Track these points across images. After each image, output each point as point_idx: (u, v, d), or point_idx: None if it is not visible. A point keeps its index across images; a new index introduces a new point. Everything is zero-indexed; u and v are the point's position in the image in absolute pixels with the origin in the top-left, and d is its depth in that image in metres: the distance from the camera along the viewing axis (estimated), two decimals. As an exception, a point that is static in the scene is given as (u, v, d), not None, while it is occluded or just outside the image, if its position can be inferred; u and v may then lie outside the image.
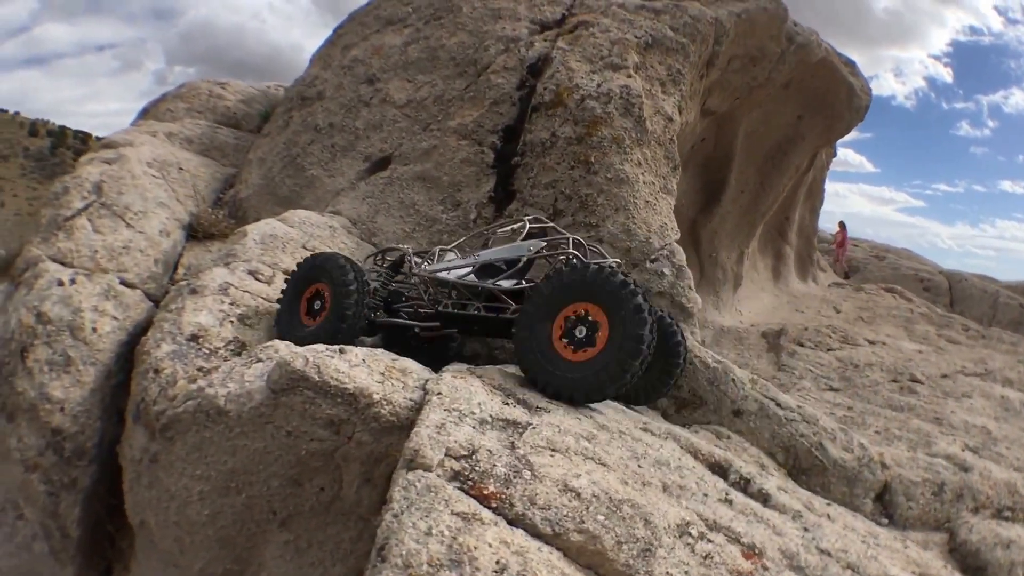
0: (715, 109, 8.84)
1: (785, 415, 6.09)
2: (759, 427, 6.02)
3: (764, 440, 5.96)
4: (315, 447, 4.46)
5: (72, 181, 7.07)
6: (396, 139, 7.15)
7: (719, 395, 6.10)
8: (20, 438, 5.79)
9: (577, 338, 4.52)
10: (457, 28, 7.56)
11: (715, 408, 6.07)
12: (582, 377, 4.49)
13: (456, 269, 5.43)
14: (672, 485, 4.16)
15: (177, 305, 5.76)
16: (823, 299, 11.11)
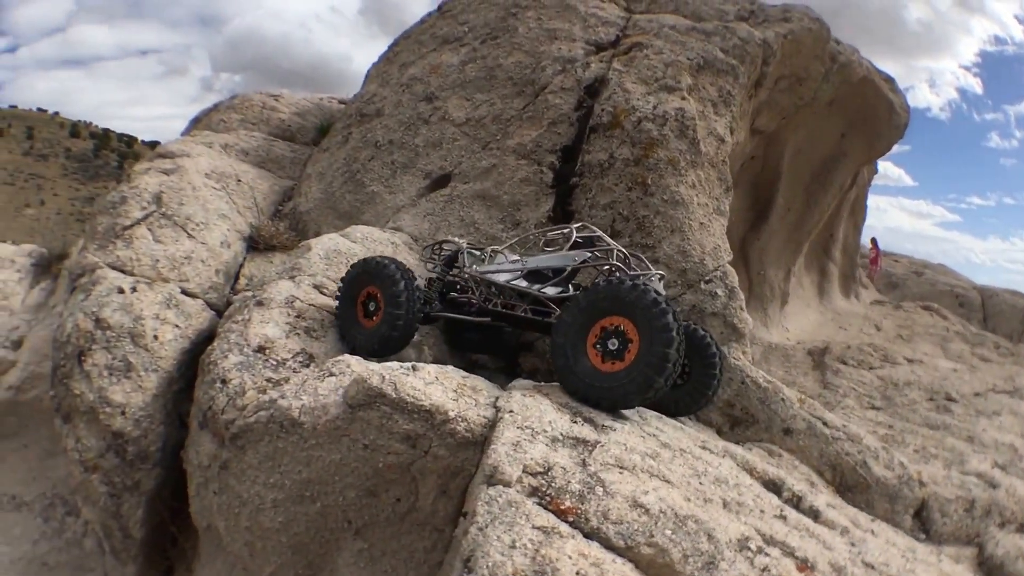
0: (763, 128, 9.00)
1: (832, 434, 6.31)
2: (808, 445, 6.23)
3: (813, 458, 6.18)
4: (392, 460, 4.66)
5: (130, 191, 7.27)
6: (455, 157, 7.33)
7: (770, 414, 6.30)
8: (78, 439, 6.03)
9: (609, 350, 4.75)
10: (514, 48, 7.74)
11: (766, 426, 6.28)
12: (610, 387, 4.72)
13: (505, 273, 5.67)
14: (731, 502, 4.39)
15: (243, 316, 5.96)
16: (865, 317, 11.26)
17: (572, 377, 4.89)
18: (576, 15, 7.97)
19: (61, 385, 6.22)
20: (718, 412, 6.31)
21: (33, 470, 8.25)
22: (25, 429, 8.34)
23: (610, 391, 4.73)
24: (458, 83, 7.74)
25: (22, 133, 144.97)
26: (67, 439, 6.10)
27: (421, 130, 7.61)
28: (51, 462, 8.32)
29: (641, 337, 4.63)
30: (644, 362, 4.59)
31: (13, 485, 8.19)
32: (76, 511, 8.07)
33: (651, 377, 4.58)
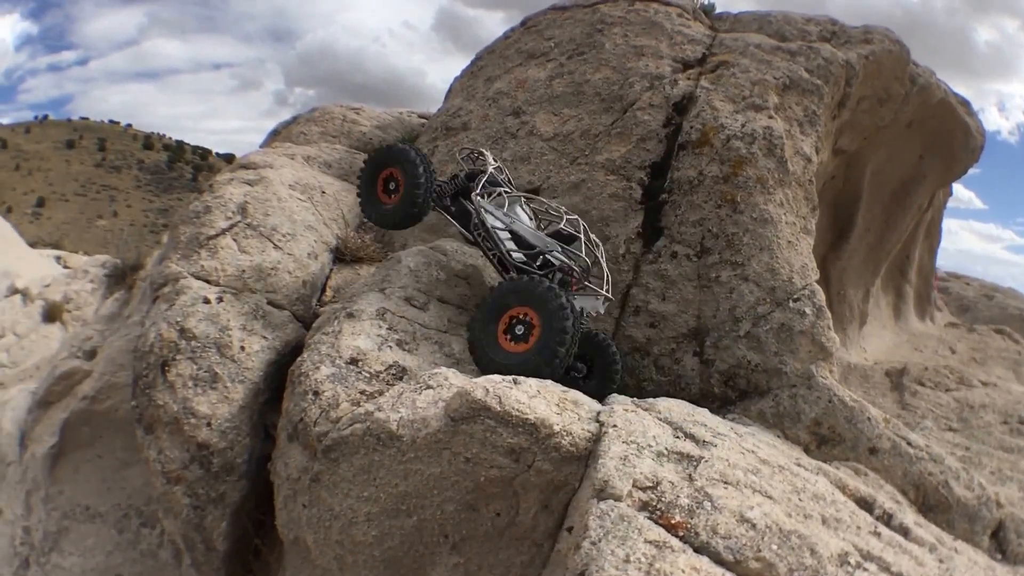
0: (845, 148, 8.84)
1: (915, 454, 6.23)
2: (892, 465, 6.14)
3: (897, 477, 6.08)
4: (494, 474, 4.59)
5: (214, 201, 7.22)
6: (544, 171, 7.25)
7: (856, 433, 6.18)
8: (161, 450, 5.96)
9: (516, 334, 5.37)
10: (601, 64, 7.65)
11: (852, 446, 6.16)
12: (520, 364, 5.22)
13: (496, 219, 6.08)
14: (829, 518, 4.38)
15: (333, 328, 5.88)
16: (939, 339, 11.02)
17: (488, 360, 5.45)
18: (663, 32, 7.86)
19: (143, 395, 6.13)
20: (805, 431, 6.20)
21: (107, 481, 8.20)
22: (99, 439, 8.26)
23: (520, 367, 5.17)
24: (545, 98, 7.66)
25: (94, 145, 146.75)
26: (149, 450, 6.04)
27: (509, 144, 7.53)
28: (126, 473, 8.28)
29: (542, 321, 5.24)
30: (547, 340, 5.20)
31: (87, 496, 8.14)
32: (151, 522, 8.03)
33: (554, 350, 5.17)
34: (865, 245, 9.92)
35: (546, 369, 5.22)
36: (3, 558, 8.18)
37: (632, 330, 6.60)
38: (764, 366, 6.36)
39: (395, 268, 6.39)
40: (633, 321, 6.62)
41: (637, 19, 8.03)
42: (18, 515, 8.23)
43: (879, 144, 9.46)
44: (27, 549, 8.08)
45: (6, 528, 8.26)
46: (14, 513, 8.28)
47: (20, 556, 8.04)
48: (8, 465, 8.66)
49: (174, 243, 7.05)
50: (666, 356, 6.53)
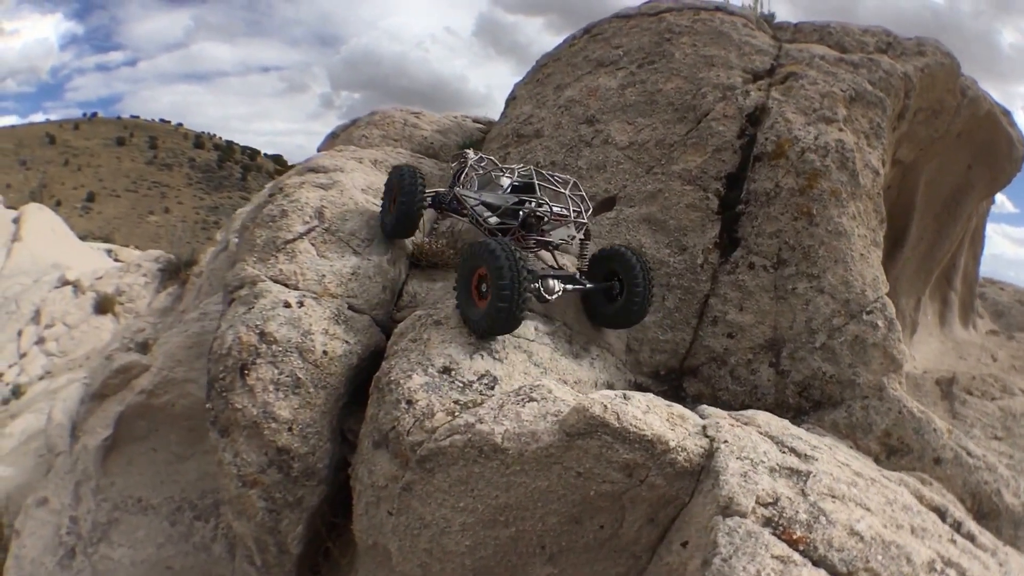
0: (903, 159, 8.69)
1: (974, 463, 6.21)
2: (953, 474, 6.10)
3: (957, 486, 6.04)
4: (605, 489, 4.48)
5: (290, 204, 7.06)
6: (620, 180, 7.10)
7: (923, 444, 6.13)
8: (237, 453, 5.81)
9: (481, 292, 5.54)
10: (672, 73, 7.49)
11: (919, 456, 6.10)
12: (482, 319, 5.52)
13: (470, 198, 6.44)
14: (916, 527, 4.39)
15: (421, 336, 5.75)
16: (982, 347, 10.86)
17: (467, 318, 5.71)
18: (731, 42, 7.70)
19: (220, 398, 5.96)
20: (876, 441, 6.13)
21: (161, 474, 8.08)
22: (155, 433, 8.16)
23: (483, 321, 5.52)
24: (618, 107, 7.51)
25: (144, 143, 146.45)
26: (223, 453, 5.89)
27: (584, 152, 7.38)
28: (181, 467, 8.18)
29: (491, 279, 5.37)
30: (495, 295, 5.34)
31: (139, 488, 8.03)
32: (205, 516, 7.94)
33: (500, 306, 5.32)
34: (918, 255, 9.77)
35: (500, 322, 5.47)
36: (47, 547, 8.07)
37: (710, 340, 6.48)
38: (838, 378, 6.26)
39: None
40: (711, 331, 6.49)
41: (704, 29, 7.86)
42: (65, 505, 8.12)
43: (932, 155, 9.30)
44: (73, 539, 7.95)
45: (51, 517, 8.14)
46: (61, 503, 8.17)
47: (66, 546, 7.92)
48: (57, 455, 8.55)
49: (249, 246, 6.91)
50: (743, 366, 6.41)
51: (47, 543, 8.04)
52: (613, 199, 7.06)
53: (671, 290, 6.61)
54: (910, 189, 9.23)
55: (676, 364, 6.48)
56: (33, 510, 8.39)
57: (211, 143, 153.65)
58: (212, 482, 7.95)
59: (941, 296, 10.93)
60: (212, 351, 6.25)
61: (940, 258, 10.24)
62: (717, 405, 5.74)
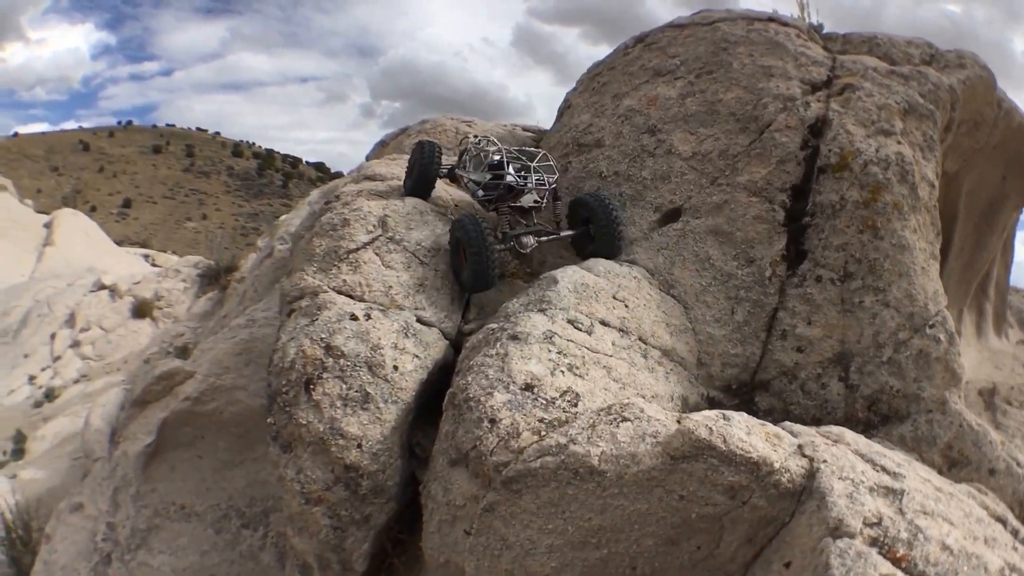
0: (948, 171, 8.42)
1: (1022, 473, 6.11)
2: (1005, 484, 5.97)
3: (1007, 496, 5.89)
4: (708, 511, 4.30)
5: (351, 213, 6.75)
6: (685, 191, 6.82)
7: (981, 456, 5.97)
8: (301, 470, 5.52)
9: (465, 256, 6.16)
10: (731, 83, 7.19)
11: (976, 467, 5.95)
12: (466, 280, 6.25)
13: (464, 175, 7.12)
14: (988, 538, 4.43)
15: (497, 351, 5.42)
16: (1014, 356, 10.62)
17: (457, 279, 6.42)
18: (787, 53, 7.40)
19: (282, 413, 5.67)
20: (939, 454, 5.92)
21: (206, 481, 7.76)
22: (200, 440, 7.87)
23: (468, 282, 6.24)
24: (680, 117, 7.21)
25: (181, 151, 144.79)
26: (286, 469, 5.60)
27: (647, 163, 7.09)
28: (228, 474, 7.88)
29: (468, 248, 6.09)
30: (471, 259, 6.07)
31: (182, 495, 7.71)
32: (253, 524, 7.64)
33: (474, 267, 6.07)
34: (960, 265, 9.52)
35: (478, 278, 6.12)
36: (80, 553, 7.75)
37: (780, 354, 6.20)
38: (904, 392, 6.01)
39: (552, 288, 5.94)
40: (780, 345, 6.22)
41: (759, 39, 7.55)
42: (102, 511, 7.78)
43: (972, 166, 9.06)
44: (110, 545, 7.61)
45: (86, 523, 7.81)
46: (98, 509, 7.83)
47: (101, 552, 7.59)
48: (95, 461, 8.20)
49: (307, 255, 6.61)
50: (812, 380, 6.13)
51: (81, 549, 7.73)
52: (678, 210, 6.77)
53: (740, 303, 6.34)
54: (953, 200, 8.96)
55: (747, 378, 6.22)
56: (66, 515, 8.04)
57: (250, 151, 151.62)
58: (262, 489, 7.64)
59: (977, 306, 10.65)
60: (272, 364, 5.96)
61: (979, 268, 9.99)
62: (790, 420, 5.54)
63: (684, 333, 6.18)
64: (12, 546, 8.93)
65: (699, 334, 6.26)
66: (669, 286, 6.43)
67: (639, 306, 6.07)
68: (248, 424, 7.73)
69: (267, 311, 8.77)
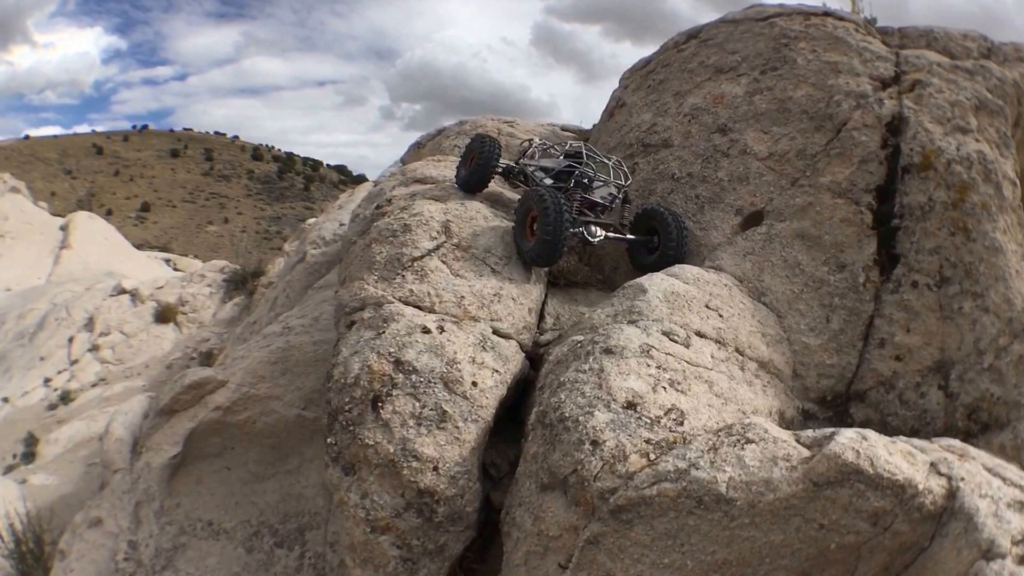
0: (1018, 169, 7.92)
1: None
2: None
3: None
4: (848, 540, 3.87)
5: (412, 218, 6.18)
6: (765, 193, 6.30)
7: None
8: (366, 495, 4.93)
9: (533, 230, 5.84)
10: (799, 80, 6.67)
11: None
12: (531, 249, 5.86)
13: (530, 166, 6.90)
14: None
15: (591, 365, 4.86)
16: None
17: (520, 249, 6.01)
18: (850, 48, 6.89)
19: (345, 433, 5.09)
20: None
21: (235, 495, 7.09)
22: (229, 451, 7.22)
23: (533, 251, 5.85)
24: (750, 115, 6.70)
25: (200, 155, 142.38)
26: (348, 493, 4.99)
27: (722, 163, 6.58)
28: (259, 487, 7.19)
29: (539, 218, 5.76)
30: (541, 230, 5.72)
31: (209, 510, 7.05)
32: (288, 543, 6.94)
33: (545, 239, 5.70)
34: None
35: (544, 252, 5.80)
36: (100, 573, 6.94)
37: (877, 363, 5.70)
38: (1005, 399, 5.55)
39: (642, 298, 5.39)
40: (878, 354, 5.71)
41: (819, 34, 7.03)
42: (123, 528, 6.97)
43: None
44: (133, 565, 6.84)
45: (106, 540, 6.97)
46: (118, 525, 7.00)
47: (123, 572, 6.82)
48: (115, 472, 7.38)
49: (366, 263, 6.02)
50: (911, 390, 5.65)
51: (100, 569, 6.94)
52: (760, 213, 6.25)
53: (834, 310, 5.83)
54: (1021, 199, 8.50)
55: (843, 389, 5.72)
56: (84, 531, 7.21)
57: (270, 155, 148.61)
58: (297, 504, 7.02)
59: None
60: (332, 379, 5.37)
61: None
62: (887, 432, 4.99)
63: (779, 343, 5.66)
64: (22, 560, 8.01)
65: (794, 344, 5.75)
66: (760, 293, 5.91)
67: (733, 315, 5.53)
68: (282, 435, 7.15)
69: (302, 318, 8.17)
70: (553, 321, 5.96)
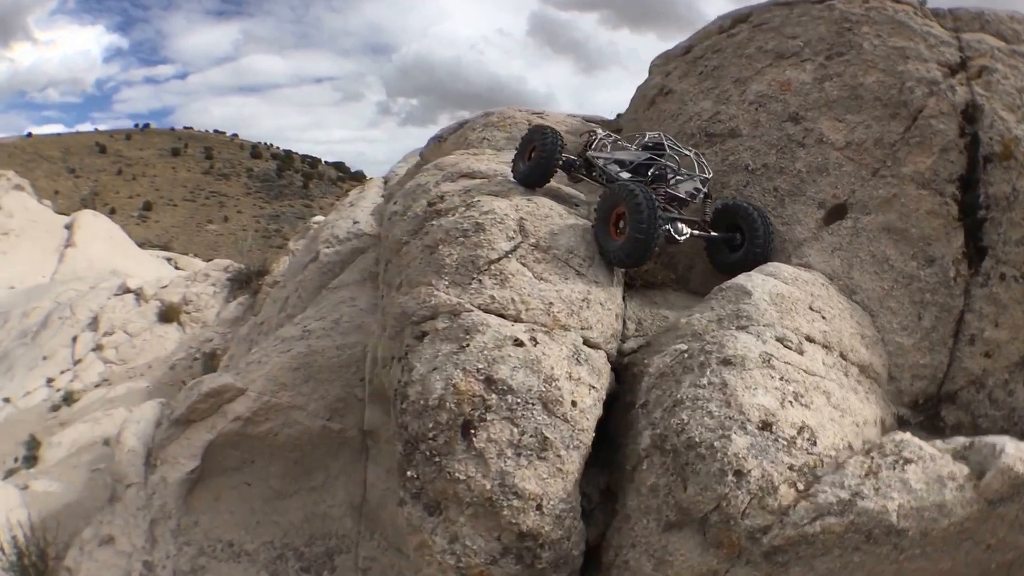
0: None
1: None
2: None
3: None
4: (1008, 558, 3.67)
5: (483, 216, 5.62)
6: (846, 185, 5.97)
7: None
8: (455, 538, 4.35)
9: (619, 228, 5.40)
10: (868, 66, 6.35)
11: None
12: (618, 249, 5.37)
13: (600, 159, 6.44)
14: None
15: (710, 379, 4.43)
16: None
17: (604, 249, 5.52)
18: (914, 33, 6.57)
19: (428, 464, 4.46)
20: None
21: (256, 513, 6.63)
22: (250, 465, 6.75)
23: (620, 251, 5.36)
24: (822, 102, 6.35)
25: (200, 153, 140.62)
26: (433, 536, 4.41)
27: (798, 153, 6.21)
28: (281, 505, 6.69)
29: (628, 215, 5.28)
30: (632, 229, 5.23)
31: (230, 529, 6.61)
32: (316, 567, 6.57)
33: (637, 237, 5.20)
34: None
35: (636, 252, 5.32)
36: None
37: (968, 361, 5.41)
38: (1092, 394, 5.26)
39: (747, 301, 4.99)
40: (968, 351, 5.42)
41: (881, 18, 6.70)
42: (137, 547, 6.47)
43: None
44: None
45: (119, 560, 6.48)
46: (132, 544, 6.49)
47: None
48: (128, 487, 6.77)
49: (434, 266, 5.38)
50: (999, 388, 5.34)
51: None
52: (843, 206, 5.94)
53: (926, 307, 5.52)
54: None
55: (934, 390, 5.42)
56: (94, 548, 6.60)
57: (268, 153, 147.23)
58: (322, 526, 6.58)
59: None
60: (408, 400, 4.73)
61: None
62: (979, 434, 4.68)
63: (875, 345, 5.32)
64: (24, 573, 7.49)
65: (888, 344, 5.42)
66: (851, 292, 5.57)
67: (835, 317, 5.18)
68: (306, 448, 6.69)
69: (321, 320, 7.64)
70: (635, 327, 5.52)
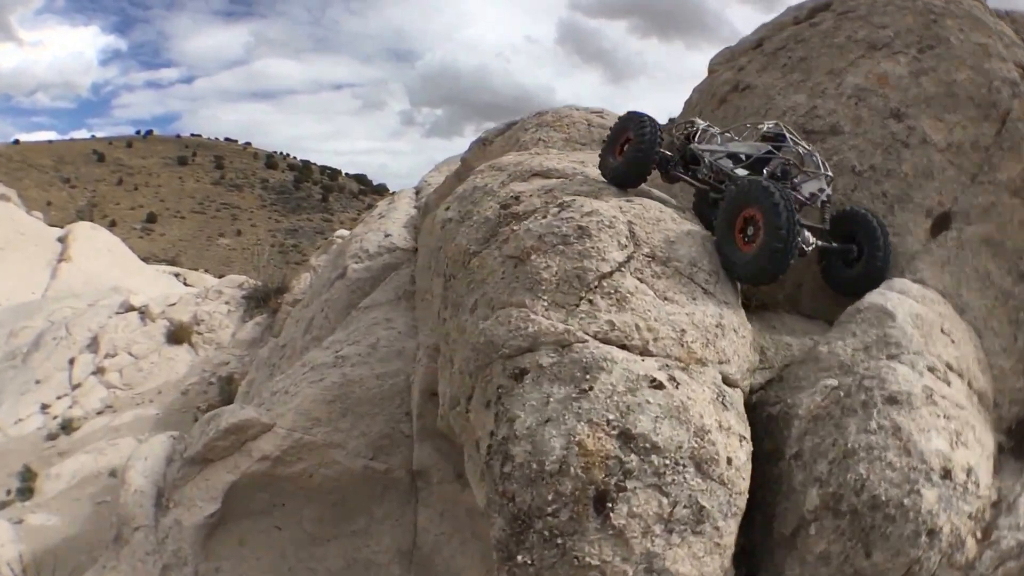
0: None
1: None
2: None
3: None
4: None
5: (586, 219, 4.59)
6: (950, 191, 5.47)
7: None
8: None
9: (748, 235, 4.64)
10: (958, 62, 5.89)
11: None
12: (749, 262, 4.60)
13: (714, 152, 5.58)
14: None
15: (879, 422, 3.92)
16: None
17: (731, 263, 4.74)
18: (991, 30, 6.17)
19: (547, 547, 3.53)
20: None
21: (288, 559, 6.02)
22: (279, 508, 6.15)
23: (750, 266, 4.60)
24: (921, 99, 5.83)
25: (210, 162, 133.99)
26: None
27: (904, 155, 5.67)
28: (317, 551, 6.10)
29: (763, 219, 4.52)
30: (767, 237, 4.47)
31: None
32: None
33: (776, 247, 4.44)
34: None
35: (773, 266, 4.54)
36: None
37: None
38: None
39: (891, 324, 4.45)
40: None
41: (960, 12, 6.27)
42: None
43: None
44: None
45: None
46: None
47: None
48: (135, 530, 6.06)
49: (525, 282, 4.33)
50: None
51: None
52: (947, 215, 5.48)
53: (1020, 327, 5.02)
54: None
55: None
56: None
57: (285, 163, 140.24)
58: (365, 573, 5.95)
59: None
60: (515, 463, 3.71)
61: None
62: None
63: (986, 370, 4.85)
64: None
65: (993, 368, 4.92)
66: (960, 311, 5.06)
67: (961, 341, 4.71)
68: (346, 490, 6.09)
69: (355, 344, 7.06)
70: (759, 358, 4.79)
